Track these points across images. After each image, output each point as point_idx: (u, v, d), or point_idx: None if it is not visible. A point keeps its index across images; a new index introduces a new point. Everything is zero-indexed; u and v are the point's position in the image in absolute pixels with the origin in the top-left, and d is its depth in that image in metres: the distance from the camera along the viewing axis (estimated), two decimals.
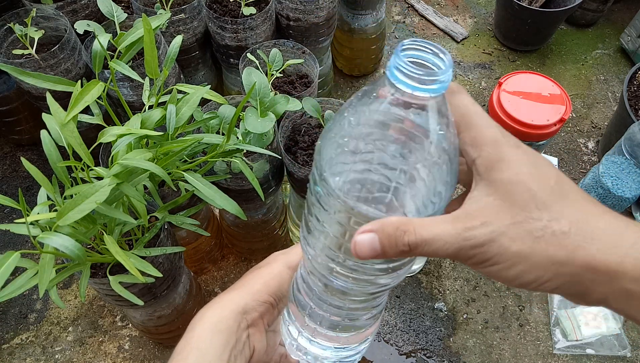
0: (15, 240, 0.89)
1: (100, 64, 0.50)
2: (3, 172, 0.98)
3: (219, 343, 0.39)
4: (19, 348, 0.77)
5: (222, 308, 0.41)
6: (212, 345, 0.39)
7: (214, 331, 0.40)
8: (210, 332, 0.40)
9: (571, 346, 0.77)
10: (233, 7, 0.79)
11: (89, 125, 0.78)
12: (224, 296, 0.43)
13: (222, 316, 0.41)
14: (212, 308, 0.42)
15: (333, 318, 0.39)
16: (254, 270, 0.48)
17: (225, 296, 0.43)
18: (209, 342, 0.39)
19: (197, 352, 0.38)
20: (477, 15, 1.28)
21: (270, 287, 0.43)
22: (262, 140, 0.55)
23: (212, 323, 0.40)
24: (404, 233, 0.26)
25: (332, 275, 0.33)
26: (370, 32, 1.02)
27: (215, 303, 0.42)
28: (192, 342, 0.39)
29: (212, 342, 0.39)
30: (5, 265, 0.38)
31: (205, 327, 0.40)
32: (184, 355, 0.38)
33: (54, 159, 0.45)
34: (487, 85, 1.12)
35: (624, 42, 1.17)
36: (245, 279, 0.45)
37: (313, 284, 0.37)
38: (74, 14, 0.75)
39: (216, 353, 0.39)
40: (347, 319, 0.39)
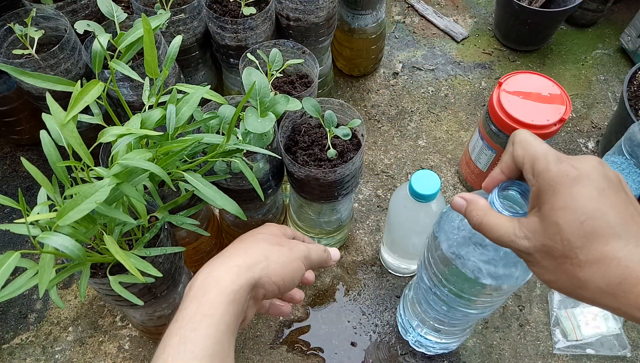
0: (15, 240, 0.89)
1: (100, 64, 0.50)
2: (3, 172, 0.98)
3: (232, 313, 0.37)
4: (19, 348, 0.77)
5: (238, 275, 0.39)
6: (225, 314, 0.37)
7: (229, 301, 0.37)
8: (225, 301, 0.37)
9: (571, 346, 0.77)
10: (233, 7, 0.79)
11: (89, 125, 0.78)
12: (239, 258, 0.41)
13: (238, 285, 0.38)
14: (227, 271, 0.39)
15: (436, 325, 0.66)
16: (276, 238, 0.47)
17: (241, 260, 0.41)
18: (223, 311, 0.37)
19: (209, 321, 0.36)
20: (477, 15, 1.28)
21: (285, 274, 0.42)
22: (262, 140, 0.55)
23: (228, 291, 0.38)
24: (478, 212, 0.37)
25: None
26: (370, 32, 1.02)
27: (230, 266, 0.40)
28: (205, 309, 0.37)
29: (226, 312, 0.37)
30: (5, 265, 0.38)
31: (221, 294, 0.37)
32: (196, 322, 0.36)
33: (54, 159, 0.45)
34: (487, 85, 1.12)
35: (624, 42, 1.17)
36: (264, 247, 0.43)
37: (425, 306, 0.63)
38: (74, 14, 0.75)
39: (228, 324, 0.37)
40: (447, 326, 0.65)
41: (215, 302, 0.37)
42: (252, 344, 0.78)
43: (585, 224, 0.30)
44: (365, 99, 1.10)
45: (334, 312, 0.81)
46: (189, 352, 0.35)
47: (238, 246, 0.45)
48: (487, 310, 0.58)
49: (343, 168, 0.62)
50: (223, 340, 0.36)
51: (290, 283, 0.42)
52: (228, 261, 0.41)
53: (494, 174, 0.39)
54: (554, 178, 0.31)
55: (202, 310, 0.36)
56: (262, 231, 0.49)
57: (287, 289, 0.43)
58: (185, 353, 0.35)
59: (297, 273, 0.43)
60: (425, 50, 1.20)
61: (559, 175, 0.31)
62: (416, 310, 0.69)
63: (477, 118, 1.07)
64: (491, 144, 0.81)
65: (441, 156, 1.00)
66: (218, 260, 0.42)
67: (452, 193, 0.95)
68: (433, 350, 0.75)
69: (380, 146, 1.02)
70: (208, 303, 0.37)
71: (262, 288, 0.41)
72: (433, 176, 0.63)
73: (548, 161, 0.32)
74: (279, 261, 0.42)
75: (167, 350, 0.35)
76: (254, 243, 0.44)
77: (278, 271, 0.41)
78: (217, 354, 0.35)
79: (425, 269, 0.58)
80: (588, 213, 0.30)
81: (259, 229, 0.50)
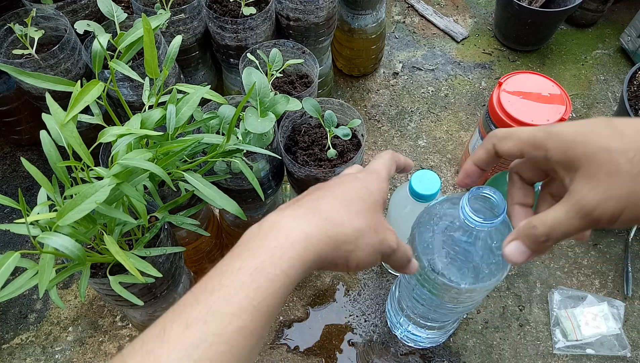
0: (15, 240, 0.89)
1: (100, 64, 0.50)
2: (3, 172, 0.98)
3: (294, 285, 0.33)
4: (19, 348, 0.77)
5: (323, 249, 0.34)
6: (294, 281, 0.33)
7: (304, 269, 0.33)
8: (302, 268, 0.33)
9: (571, 346, 0.77)
10: (233, 7, 0.79)
11: (89, 125, 0.78)
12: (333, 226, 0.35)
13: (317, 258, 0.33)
14: (318, 236, 0.34)
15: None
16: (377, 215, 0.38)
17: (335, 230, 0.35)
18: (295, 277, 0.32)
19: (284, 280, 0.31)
20: (477, 15, 1.28)
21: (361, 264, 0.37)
22: (262, 140, 0.55)
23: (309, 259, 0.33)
24: (535, 228, 0.34)
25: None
26: (370, 32, 1.02)
27: (324, 232, 0.34)
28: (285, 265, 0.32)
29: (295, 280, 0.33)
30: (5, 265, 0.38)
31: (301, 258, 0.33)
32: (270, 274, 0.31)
33: (54, 159, 0.45)
34: (487, 85, 1.12)
35: (624, 42, 1.17)
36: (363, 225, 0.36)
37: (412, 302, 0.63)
38: (74, 14, 0.75)
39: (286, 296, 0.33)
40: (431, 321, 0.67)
41: (297, 262, 0.32)
42: None
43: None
44: (365, 99, 1.10)
45: (334, 312, 0.81)
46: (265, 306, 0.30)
47: (332, 205, 0.36)
48: (469, 306, 0.58)
49: (343, 168, 0.62)
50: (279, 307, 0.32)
51: (362, 268, 0.38)
52: (321, 222, 0.35)
53: (467, 168, 0.40)
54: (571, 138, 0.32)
55: (283, 264, 0.32)
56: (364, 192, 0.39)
57: (355, 271, 0.39)
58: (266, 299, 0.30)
59: (372, 264, 0.37)
60: (425, 50, 1.20)
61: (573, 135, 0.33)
62: (402, 307, 0.70)
63: (477, 118, 1.07)
64: None
65: (441, 156, 1.00)
66: (307, 214, 0.35)
67: (452, 193, 0.95)
68: (422, 344, 0.76)
69: (380, 146, 1.02)
70: (291, 260, 0.32)
71: (333, 265, 0.36)
72: (433, 176, 0.64)
73: (546, 131, 0.34)
74: (365, 251, 0.36)
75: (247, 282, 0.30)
76: (353, 214, 0.36)
77: (358, 258, 0.36)
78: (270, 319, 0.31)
79: None
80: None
81: (356, 179, 0.40)
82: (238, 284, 0.30)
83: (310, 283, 0.84)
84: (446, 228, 0.50)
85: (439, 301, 0.57)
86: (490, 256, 0.49)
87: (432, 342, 0.76)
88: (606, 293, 0.83)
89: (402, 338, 0.77)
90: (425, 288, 0.56)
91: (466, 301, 0.55)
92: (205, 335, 0.28)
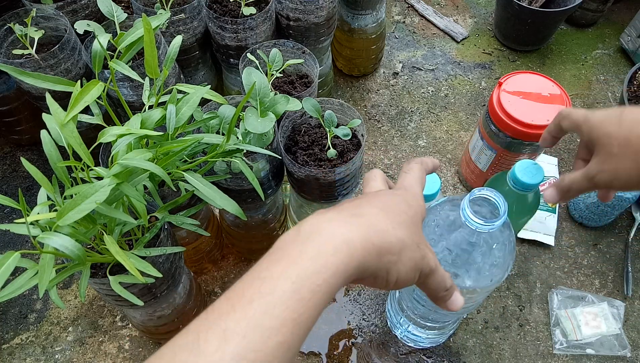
0: (15, 240, 0.89)
1: (100, 64, 0.50)
2: (3, 172, 0.98)
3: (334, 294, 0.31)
4: (19, 348, 0.77)
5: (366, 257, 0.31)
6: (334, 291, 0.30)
7: (345, 278, 0.31)
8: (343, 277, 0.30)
9: (571, 346, 0.77)
10: (233, 7, 0.79)
11: (89, 125, 0.78)
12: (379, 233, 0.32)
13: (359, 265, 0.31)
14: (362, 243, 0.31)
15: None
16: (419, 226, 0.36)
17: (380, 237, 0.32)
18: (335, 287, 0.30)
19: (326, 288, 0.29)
20: (477, 15, 1.28)
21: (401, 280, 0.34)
22: (262, 140, 0.55)
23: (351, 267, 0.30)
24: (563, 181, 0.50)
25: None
26: (370, 32, 1.02)
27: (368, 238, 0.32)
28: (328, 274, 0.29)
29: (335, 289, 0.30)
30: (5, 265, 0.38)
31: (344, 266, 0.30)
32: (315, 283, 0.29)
33: (54, 159, 0.45)
34: (487, 85, 1.12)
35: (624, 42, 1.17)
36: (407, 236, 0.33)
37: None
38: (74, 14, 0.75)
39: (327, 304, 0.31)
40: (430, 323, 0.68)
41: (339, 270, 0.30)
42: None
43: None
44: (365, 99, 1.10)
45: (334, 312, 0.81)
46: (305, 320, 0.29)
47: (374, 212, 0.34)
48: (469, 307, 0.58)
49: (343, 168, 0.62)
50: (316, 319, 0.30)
51: (399, 286, 0.35)
52: (364, 228, 0.32)
53: (544, 135, 0.55)
54: (593, 124, 0.46)
55: (325, 273, 0.29)
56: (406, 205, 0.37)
57: (392, 288, 0.36)
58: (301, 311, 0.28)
59: (410, 282, 0.35)
60: (425, 50, 1.20)
61: (596, 121, 0.45)
62: (402, 307, 0.70)
63: (477, 118, 1.07)
64: (491, 144, 0.81)
65: (441, 156, 1.00)
66: (348, 218, 0.33)
67: (452, 193, 0.96)
68: (422, 344, 0.76)
69: (380, 146, 1.02)
70: (333, 268, 0.30)
71: (373, 278, 0.33)
72: (433, 176, 0.64)
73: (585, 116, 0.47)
74: (407, 265, 0.33)
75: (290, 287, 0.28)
76: (396, 224, 0.34)
77: (399, 273, 0.33)
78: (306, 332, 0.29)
79: None
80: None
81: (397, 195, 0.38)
82: (279, 294, 0.28)
83: None
84: (447, 229, 0.50)
85: None
86: (491, 257, 0.49)
87: (432, 342, 0.76)
88: (606, 293, 0.83)
89: (402, 338, 0.77)
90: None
91: (467, 302, 0.55)
92: (245, 351, 0.26)
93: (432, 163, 0.44)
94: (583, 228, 0.90)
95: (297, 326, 0.28)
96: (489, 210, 0.47)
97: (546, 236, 0.88)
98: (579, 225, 0.91)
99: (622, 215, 0.91)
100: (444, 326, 0.70)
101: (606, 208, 0.83)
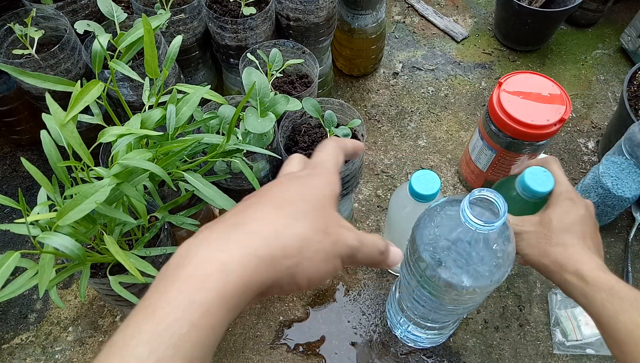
0: (15, 240, 0.89)
1: (100, 64, 0.50)
2: (3, 172, 0.98)
3: (228, 321, 0.26)
4: (19, 348, 0.77)
5: (255, 271, 0.27)
6: (222, 324, 0.26)
7: (232, 306, 0.26)
8: (226, 307, 0.26)
9: (571, 346, 0.77)
10: (233, 7, 0.79)
11: (89, 125, 0.78)
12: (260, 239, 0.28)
13: (250, 283, 0.26)
14: (241, 260, 0.26)
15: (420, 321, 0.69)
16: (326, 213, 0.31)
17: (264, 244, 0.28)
18: (221, 319, 0.26)
19: (199, 334, 0.25)
20: (477, 15, 1.28)
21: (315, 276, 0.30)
22: (262, 140, 0.55)
23: (235, 291, 0.26)
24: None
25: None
26: (370, 32, 1.02)
27: (246, 253, 0.27)
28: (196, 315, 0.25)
29: (224, 320, 0.26)
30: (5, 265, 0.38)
31: (224, 295, 0.25)
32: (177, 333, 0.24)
33: (54, 159, 0.45)
34: (487, 85, 1.12)
35: (624, 42, 1.17)
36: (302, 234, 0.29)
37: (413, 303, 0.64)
38: (74, 14, 0.75)
39: (218, 337, 0.26)
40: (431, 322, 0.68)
41: (214, 305, 0.25)
42: (252, 344, 0.78)
43: (566, 226, 0.55)
44: (365, 99, 1.10)
45: (334, 312, 0.81)
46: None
47: (262, 213, 0.30)
48: (469, 307, 0.59)
49: (343, 168, 0.62)
50: (205, 358, 0.25)
51: (317, 284, 0.31)
52: (243, 239, 0.27)
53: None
54: (563, 200, 0.57)
55: (192, 316, 0.24)
56: (306, 189, 0.32)
57: (309, 289, 0.34)
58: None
59: (330, 274, 0.31)
60: (425, 50, 1.20)
61: (566, 200, 0.57)
62: (402, 307, 0.70)
63: (477, 118, 1.07)
64: (491, 144, 0.81)
65: (441, 156, 1.00)
66: (225, 232, 0.28)
67: (452, 193, 0.95)
68: (422, 344, 0.76)
69: (380, 146, 1.02)
70: (203, 305, 0.25)
71: (278, 288, 0.29)
72: (433, 176, 0.64)
73: (564, 190, 0.58)
74: (314, 259, 0.29)
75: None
76: (291, 219, 0.30)
77: (308, 272, 0.29)
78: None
79: (407, 269, 0.59)
80: (569, 224, 0.55)
81: (297, 178, 0.34)
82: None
83: None
84: (447, 229, 0.50)
85: (439, 302, 0.57)
86: (491, 258, 0.49)
87: (432, 342, 0.76)
88: None
89: (402, 338, 0.77)
90: (425, 290, 0.56)
91: (467, 302, 0.55)
92: None
93: (352, 144, 0.39)
94: None
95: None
96: (489, 211, 0.47)
97: None
98: None
99: (622, 215, 0.91)
100: (444, 326, 0.70)
101: (606, 208, 0.83)
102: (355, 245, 0.32)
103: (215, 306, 0.25)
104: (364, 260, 0.33)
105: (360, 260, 0.33)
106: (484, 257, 0.49)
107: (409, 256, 0.57)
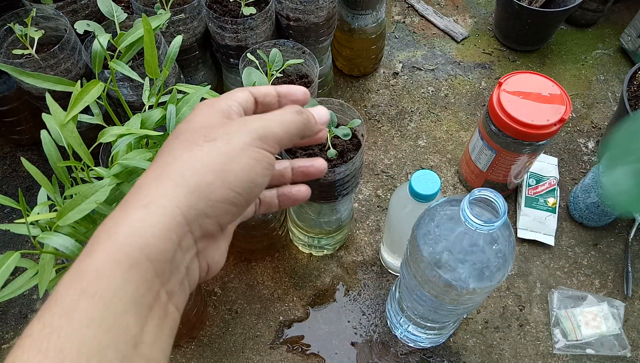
0: (15, 240, 0.89)
1: (100, 64, 0.50)
2: (3, 172, 0.98)
3: (138, 281, 0.24)
4: None
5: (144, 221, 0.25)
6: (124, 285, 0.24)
7: (129, 264, 0.24)
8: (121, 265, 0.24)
9: (571, 346, 0.77)
10: (233, 7, 0.79)
11: (89, 125, 0.78)
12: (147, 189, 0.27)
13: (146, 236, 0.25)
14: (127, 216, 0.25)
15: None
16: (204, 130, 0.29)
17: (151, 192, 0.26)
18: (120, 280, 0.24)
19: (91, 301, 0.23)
20: (477, 15, 1.28)
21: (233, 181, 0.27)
22: None
23: (126, 249, 0.24)
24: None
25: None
26: (370, 32, 1.02)
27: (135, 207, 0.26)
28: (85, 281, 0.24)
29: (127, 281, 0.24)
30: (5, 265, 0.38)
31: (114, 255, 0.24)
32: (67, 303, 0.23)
33: (54, 159, 0.45)
34: (487, 85, 1.12)
35: (624, 42, 1.17)
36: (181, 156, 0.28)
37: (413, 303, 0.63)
38: (74, 14, 0.75)
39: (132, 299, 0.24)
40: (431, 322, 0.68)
41: (105, 268, 0.24)
42: (252, 344, 0.78)
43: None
44: (365, 99, 1.10)
45: (334, 312, 0.81)
46: (53, 349, 0.21)
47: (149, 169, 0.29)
48: (469, 307, 0.59)
49: (343, 168, 0.62)
50: (122, 325, 0.23)
51: (253, 186, 0.28)
52: (133, 197, 0.26)
53: None
54: None
55: (80, 283, 0.23)
56: (185, 126, 0.31)
57: (252, 198, 0.28)
58: (48, 352, 0.21)
59: (255, 169, 0.28)
60: (425, 50, 1.20)
61: None
62: (402, 307, 0.70)
63: (477, 118, 1.07)
64: (491, 144, 0.81)
65: (441, 156, 1.00)
66: (123, 199, 0.27)
67: (452, 193, 0.96)
68: (422, 344, 0.76)
69: (380, 146, 1.02)
70: (91, 271, 0.24)
71: (204, 220, 0.27)
72: (433, 176, 0.64)
73: None
74: (209, 169, 0.27)
75: (20, 349, 0.22)
76: (167, 155, 0.28)
77: (216, 185, 0.26)
78: (110, 346, 0.22)
79: (406, 269, 0.59)
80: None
81: (184, 123, 0.32)
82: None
83: (310, 283, 0.84)
84: (447, 229, 0.50)
85: (439, 302, 0.57)
86: (491, 258, 0.49)
87: (432, 342, 0.76)
88: (606, 293, 0.83)
89: (402, 338, 0.77)
90: (425, 290, 0.56)
91: (467, 302, 0.55)
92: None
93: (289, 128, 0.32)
94: (583, 228, 0.91)
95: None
96: (488, 211, 0.47)
97: (546, 236, 0.88)
98: (579, 225, 0.91)
99: (622, 215, 0.91)
100: (444, 326, 0.70)
101: (606, 208, 0.83)
102: (259, 125, 0.29)
103: (107, 267, 0.24)
104: (286, 130, 0.30)
105: (281, 132, 0.30)
106: (484, 257, 0.49)
107: (409, 256, 0.57)
